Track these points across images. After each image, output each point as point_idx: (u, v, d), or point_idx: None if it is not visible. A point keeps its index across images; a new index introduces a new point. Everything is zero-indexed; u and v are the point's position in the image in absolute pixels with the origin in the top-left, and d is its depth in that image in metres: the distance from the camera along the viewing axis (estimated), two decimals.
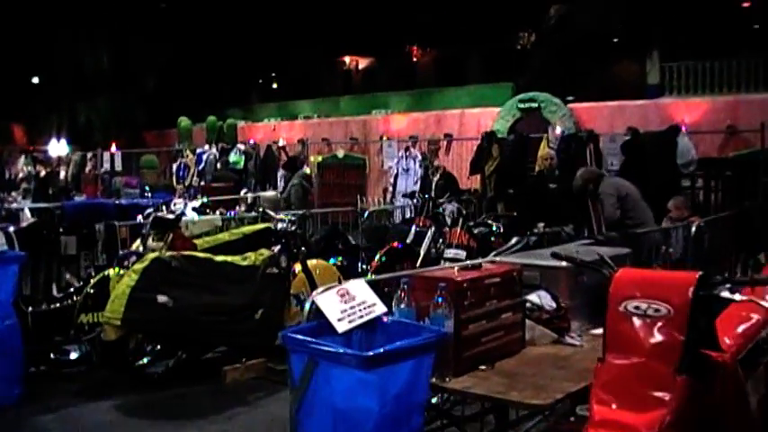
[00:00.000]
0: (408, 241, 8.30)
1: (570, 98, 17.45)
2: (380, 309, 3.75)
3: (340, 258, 8.48)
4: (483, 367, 3.79)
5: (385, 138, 18.35)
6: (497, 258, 4.71)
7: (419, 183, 13.47)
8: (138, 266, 6.32)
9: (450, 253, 6.43)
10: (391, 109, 21.57)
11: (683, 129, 11.35)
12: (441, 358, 3.55)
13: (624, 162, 11.21)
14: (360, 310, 3.69)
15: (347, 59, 27.06)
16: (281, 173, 14.61)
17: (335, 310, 3.62)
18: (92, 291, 6.67)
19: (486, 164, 12.73)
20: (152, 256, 6.43)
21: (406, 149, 14.22)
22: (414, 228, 8.44)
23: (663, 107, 16.47)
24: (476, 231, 6.69)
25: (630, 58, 21.81)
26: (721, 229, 8.66)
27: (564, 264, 4.63)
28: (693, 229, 7.64)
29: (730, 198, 11.22)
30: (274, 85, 29.61)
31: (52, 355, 6.73)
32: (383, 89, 23.83)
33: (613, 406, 2.91)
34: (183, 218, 7.33)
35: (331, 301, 3.65)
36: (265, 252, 7.15)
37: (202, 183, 16.09)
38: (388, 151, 15.14)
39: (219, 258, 6.81)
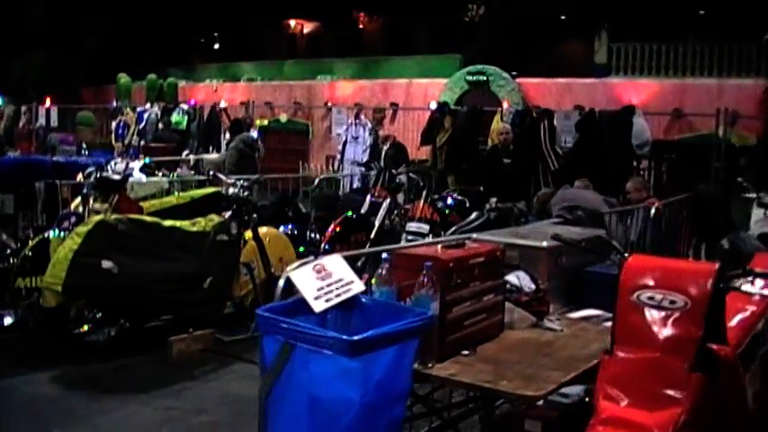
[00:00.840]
0: (363, 212, 7.99)
1: (514, 73, 17.25)
2: (358, 287, 3.46)
3: (290, 227, 8.15)
4: (466, 352, 3.55)
5: (329, 104, 17.95)
6: (474, 235, 4.43)
7: (368, 151, 13.14)
8: (82, 229, 5.90)
9: (412, 227, 6.16)
10: (336, 75, 21.15)
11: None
12: (423, 343, 3.26)
13: (578, 140, 11.08)
14: (337, 288, 3.39)
15: (292, 23, 26.45)
16: (226, 136, 14.05)
17: (312, 287, 3.31)
18: (30, 253, 6.25)
19: (438, 135, 12.46)
20: (97, 218, 6.02)
21: (356, 116, 13.86)
22: (369, 198, 8.14)
23: (611, 87, 16.42)
24: (439, 205, 6.40)
25: (578, 38, 21.76)
26: (676, 213, 8.56)
27: (545, 244, 4.43)
28: (653, 210, 7.50)
29: (676, 182, 11.16)
30: (216, 46, 28.82)
31: None
32: (328, 55, 23.36)
33: (623, 403, 2.69)
34: (130, 179, 6.85)
35: (307, 278, 3.34)
36: (215, 218, 6.78)
37: (142, 142, 15.48)
38: (337, 118, 14.77)
39: (168, 223, 6.43)
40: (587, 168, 10.32)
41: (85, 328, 6.36)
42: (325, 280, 3.38)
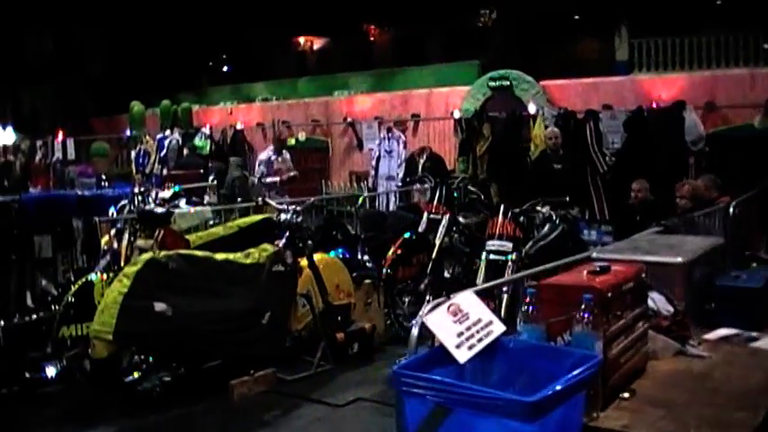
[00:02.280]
0: (420, 230, 7.40)
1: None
2: (499, 328, 2.88)
3: (341, 250, 7.56)
4: (625, 395, 2.95)
5: (349, 118, 17.40)
6: (595, 254, 3.83)
7: (403, 165, 12.55)
8: (131, 270, 5.32)
9: (493, 245, 5.56)
10: (351, 90, 20.58)
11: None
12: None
13: (627, 139, 10.47)
14: (477, 332, 2.81)
15: (301, 40, 25.93)
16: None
17: (450, 333, 2.73)
18: (73, 299, 5.63)
19: (478, 144, 11.88)
20: (145, 257, 5.45)
21: (389, 130, 13.30)
22: (426, 215, 7.54)
23: (638, 83, 15.82)
24: (521, 220, 5.82)
25: (593, 36, 21.17)
26: (748, 208, 7.96)
27: (680, 259, 3.84)
28: (731, 209, 6.89)
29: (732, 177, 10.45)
30: (225, 68, 28.29)
31: (27, 375, 5.63)
32: (339, 70, 22.80)
33: None
34: (176, 211, 6.27)
35: (444, 323, 2.76)
36: (269, 247, 6.21)
37: (164, 171, 14.92)
38: (367, 133, 14.21)
39: (220, 257, 5.85)
40: (638, 169, 9.76)
41: (135, 375, 5.68)
42: (462, 323, 2.80)
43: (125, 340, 5.26)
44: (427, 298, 7.35)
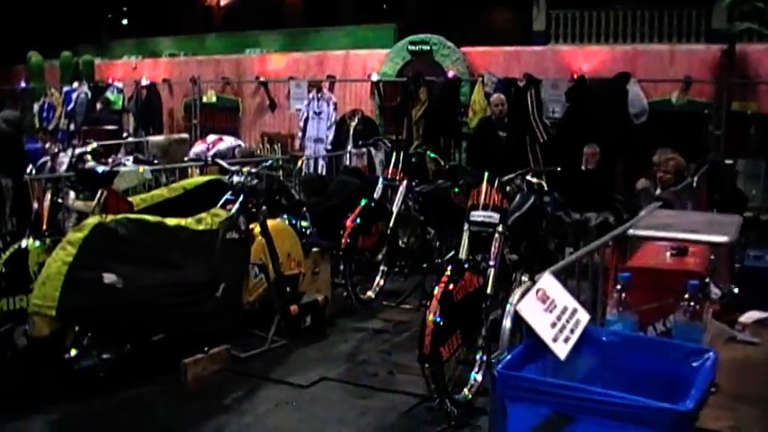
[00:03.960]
0: (375, 197, 6.95)
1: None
2: (584, 316, 2.47)
3: (286, 216, 7.03)
4: (712, 389, 2.58)
5: (261, 78, 16.67)
6: (632, 231, 3.47)
7: (333, 128, 11.98)
8: (76, 236, 4.68)
9: (478, 216, 5.15)
10: (263, 49, 19.76)
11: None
12: None
13: (568, 109, 10.23)
14: (567, 321, 2.40)
15: None
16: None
17: (545, 324, 2.32)
18: (4, 269, 4.93)
19: (414, 108, 11.40)
20: (92, 221, 4.81)
21: (318, 90, 12.66)
22: (381, 181, 7.09)
23: (559, 54, 15.64)
24: (508, 190, 5.44)
25: (508, 5, 21.00)
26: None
27: (726, 239, 3.52)
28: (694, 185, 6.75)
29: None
30: (124, 21, 26.76)
31: None
32: (247, 28, 21.86)
33: None
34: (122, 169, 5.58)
35: (537, 312, 2.34)
36: (221, 212, 5.65)
37: (71, 126, 13.84)
38: (296, 92, 13.50)
39: (171, 222, 5.26)
40: (579, 139, 9.55)
41: (73, 352, 5.03)
42: (552, 312, 2.40)
43: (70, 316, 4.63)
44: (382, 268, 6.94)
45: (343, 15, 22.00)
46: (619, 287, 2.50)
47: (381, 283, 6.89)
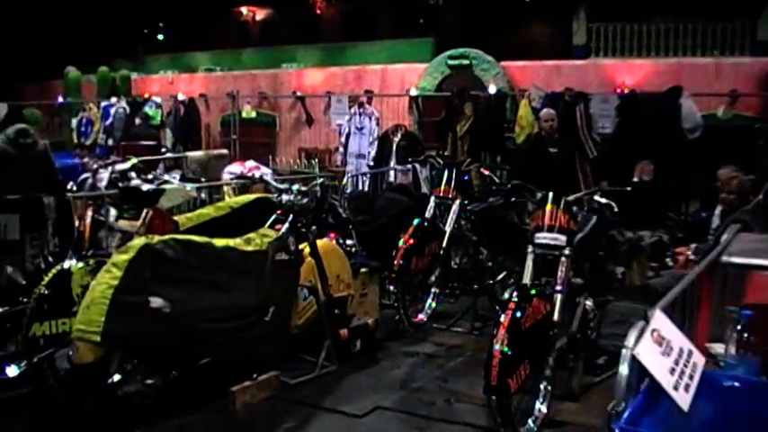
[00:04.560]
0: (428, 215, 6.68)
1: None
2: (700, 359, 2.17)
3: (335, 236, 6.79)
4: None
5: (298, 93, 16.54)
6: (736, 259, 3.16)
7: (375, 143, 11.74)
8: (121, 258, 4.45)
9: (543, 238, 4.86)
10: (299, 63, 19.63)
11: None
12: None
13: (618, 124, 9.90)
14: (684, 365, 2.09)
15: (244, 10, 24.71)
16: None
17: (665, 370, 2.02)
18: (47, 291, 4.71)
19: (459, 124, 11.14)
20: (138, 242, 4.57)
21: (360, 105, 12.44)
22: (433, 199, 6.82)
23: (601, 67, 15.40)
24: (574, 209, 5.15)
25: (547, 19, 20.71)
26: None
27: None
28: None
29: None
30: (160, 36, 26.81)
31: None
32: (283, 43, 21.76)
33: None
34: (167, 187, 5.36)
35: (655, 357, 2.04)
36: (270, 233, 5.39)
37: (110, 141, 13.72)
38: (336, 107, 13.30)
39: (220, 243, 5.00)
40: (629, 155, 9.19)
41: (117, 378, 4.79)
42: (670, 355, 2.10)
43: (116, 342, 4.38)
44: (434, 290, 6.67)
45: (379, 29, 21.85)
46: (740, 327, 2.20)
47: (433, 305, 6.61)
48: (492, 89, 12.06)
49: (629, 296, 6.83)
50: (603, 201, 5.47)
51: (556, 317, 4.66)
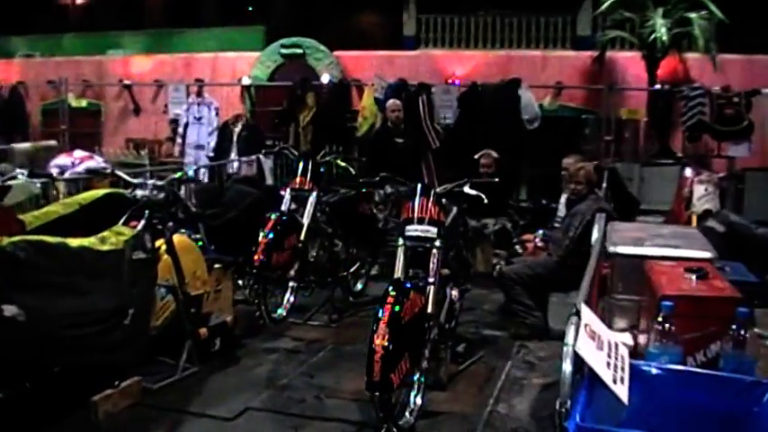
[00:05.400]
0: (284, 208, 6.58)
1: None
2: (624, 350, 2.26)
3: (183, 231, 6.55)
4: None
5: (125, 81, 15.85)
6: (612, 249, 3.30)
7: (215, 134, 11.41)
8: None
9: (414, 230, 4.88)
10: (125, 50, 18.78)
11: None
12: None
13: (460, 115, 10.15)
14: (615, 359, 2.16)
15: None
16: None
17: (602, 364, 2.08)
18: None
19: (301, 113, 11.00)
20: None
21: (198, 94, 12.04)
22: (288, 191, 6.71)
23: (433, 58, 15.71)
24: (444, 201, 5.20)
25: (377, 9, 20.90)
26: None
27: (709, 254, 3.40)
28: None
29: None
30: None
31: None
32: (105, 28, 20.72)
33: None
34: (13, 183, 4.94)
35: (593, 352, 2.10)
36: (125, 231, 5.12)
37: None
38: (174, 96, 12.80)
39: (74, 243, 4.69)
40: (471, 146, 9.46)
41: None
42: (603, 349, 2.16)
43: None
44: (292, 284, 6.58)
45: (205, 16, 21.26)
46: (661, 317, 2.28)
47: (292, 299, 6.54)
48: (325, 78, 11.95)
49: (475, 283, 7.02)
50: (473, 193, 5.50)
51: (430, 309, 4.69)
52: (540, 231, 7.08)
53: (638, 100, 12.15)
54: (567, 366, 2.23)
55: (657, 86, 11.34)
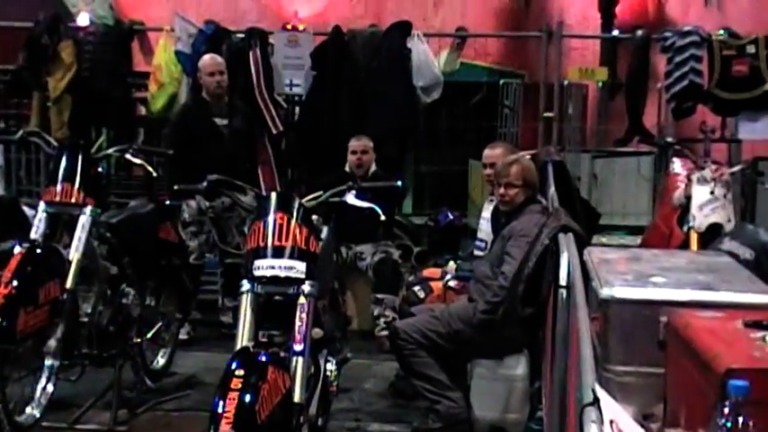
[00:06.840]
0: (36, 236, 4.77)
1: None
2: None
3: None
4: None
5: None
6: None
7: None
8: None
9: (265, 267, 3.15)
10: None
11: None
12: None
13: (316, 81, 7.60)
14: None
15: None
16: None
17: None
18: None
19: (52, 77, 7.63)
20: None
21: None
22: (43, 207, 4.65)
23: None
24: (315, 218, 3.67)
25: None
26: None
27: None
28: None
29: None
30: None
31: None
32: None
33: None
34: None
35: None
36: None
37: None
38: None
39: None
40: (335, 130, 7.49)
41: None
42: None
43: None
44: (50, 363, 4.44)
45: None
46: (730, 405, 1.44)
47: (51, 388, 4.61)
48: (83, 19, 8.30)
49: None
50: (364, 205, 3.82)
51: (297, 396, 3.26)
52: (452, 264, 5.49)
53: (584, 54, 9.61)
54: None
55: (616, 32, 9.30)
